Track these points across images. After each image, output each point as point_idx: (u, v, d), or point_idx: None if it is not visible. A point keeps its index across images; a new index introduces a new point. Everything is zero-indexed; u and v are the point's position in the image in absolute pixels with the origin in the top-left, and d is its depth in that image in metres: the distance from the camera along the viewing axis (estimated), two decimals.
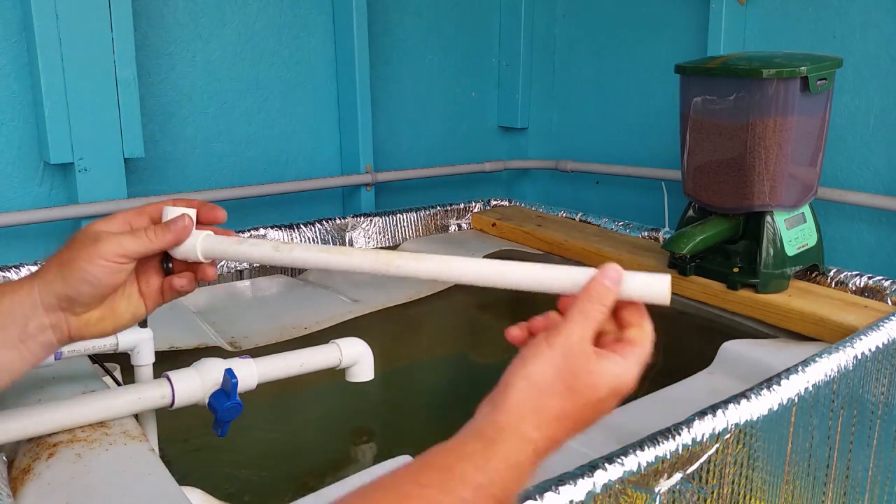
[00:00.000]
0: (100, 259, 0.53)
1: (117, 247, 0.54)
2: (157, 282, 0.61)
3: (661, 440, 0.65)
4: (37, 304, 0.54)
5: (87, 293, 0.54)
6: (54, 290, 0.54)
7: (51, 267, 0.54)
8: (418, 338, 1.24)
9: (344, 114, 1.65)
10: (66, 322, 0.55)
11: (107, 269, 0.54)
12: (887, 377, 0.91)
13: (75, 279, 0.53)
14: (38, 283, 0.54)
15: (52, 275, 0.54)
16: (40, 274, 0.55)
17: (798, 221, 1.11)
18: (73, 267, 0.53)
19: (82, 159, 1.26)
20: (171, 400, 0.70)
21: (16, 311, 0.54)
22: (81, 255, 0.54)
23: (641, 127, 1.74)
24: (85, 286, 0.54)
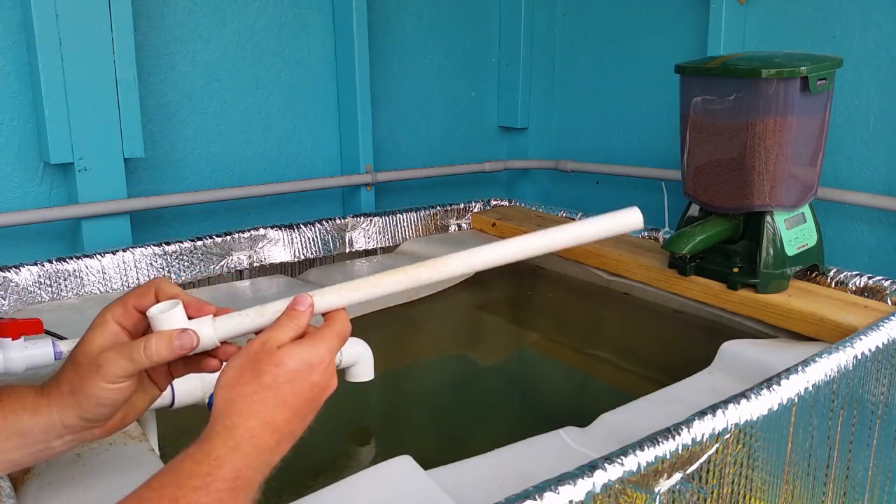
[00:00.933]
0: (105, 384, 0.55)
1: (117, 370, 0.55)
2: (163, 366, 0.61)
3: (661, 440, 0.65)
4: (58, 425, 0.56)
5: (103, 413, 0.56)
6: (73, 414, 0.56)
7: (63, 393, 0.56)
8: (418, 338, 1.24)
9: (344, 114, 1.65)
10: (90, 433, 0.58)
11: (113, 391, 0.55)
12: (887, 377, 0.91)
13: (90, 404, 0.55)
14: (55, 408, 0.56)
15: (67, 400, 0.56)
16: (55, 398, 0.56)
17: (798, 221, 1.11)
18: (85, 394, 0.55)
19: (82, 159, 1.26)
20: (171, 400, 0.70)
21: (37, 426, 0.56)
22: (88, 384, 0.55)
23: (641, 127, 1.74)
24: (100, 409, 0.56)
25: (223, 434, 0.51)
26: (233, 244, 1.26)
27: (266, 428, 0.52)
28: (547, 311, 1.37)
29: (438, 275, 0.62)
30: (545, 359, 1.23)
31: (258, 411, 0.52)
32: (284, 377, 0.53)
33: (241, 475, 0.50)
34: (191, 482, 0.48)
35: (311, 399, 0.55)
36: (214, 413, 0.53)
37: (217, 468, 0.49)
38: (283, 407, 0.53)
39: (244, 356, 0.54)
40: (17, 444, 0.55)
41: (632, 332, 1.26)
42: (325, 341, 0.56)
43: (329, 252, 1.37)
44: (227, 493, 0.49)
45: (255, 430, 0.52)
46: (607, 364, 1.19)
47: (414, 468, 0.66)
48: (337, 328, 0.58)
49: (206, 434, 0.51)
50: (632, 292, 1.29)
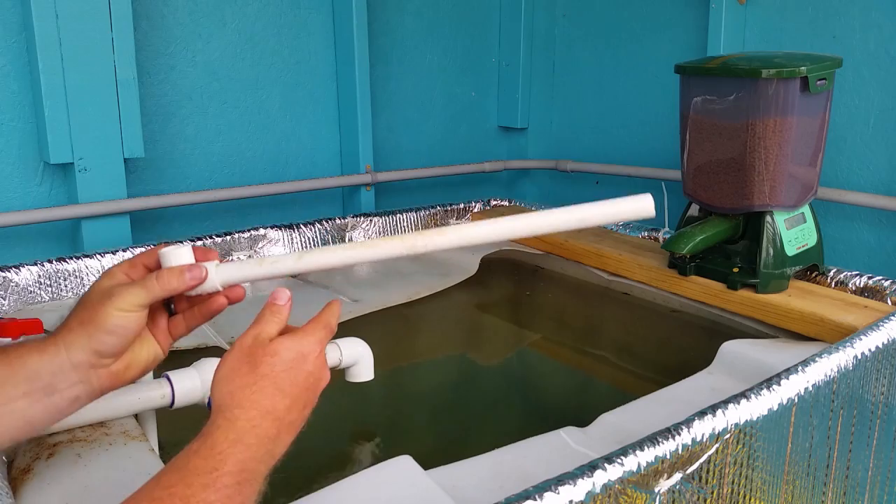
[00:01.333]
0: (117, 311, 0.57)
1: (129, 297, 0.58)
2: (163, 322, 0.63)
3: (660, 440, 0.65)
4: (64, 362, 0.56)
5: (113, 343, 0.57)
6: (81, 346, 0.57)
7: (72, 327, 0.57)
8: (418, 338, 1.24)
9: (344, 114, 1.65)
10: (96, 376, 0.58)
11: (126, 318, 0.57)
12: (887, 377, 0.91)
13: (100, 332, 0.57)
14: (62, 343, 0.57)
15: (75, 333, 0.57)
16: (62, 335, 0.57)
17: (798, 221, 1.11)
18: (95, 322, 0.57)
19: (82, 159, 1.26)
20: (170, 400, 0.70)
21: (44, 369, 0.56)
22: (100, 312, 0.57)
23: (641, 127, 1.74)
24: (110, 337, 0.57)
25: (224, 426, 0.52)
26: (233, 244, 1.26)
27: (267, 417, 0.53)
28: (547, 311, 1.37)
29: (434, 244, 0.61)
30: (545, 359, 1.23)
31: (257, 401, 0.53)
32: (281, 366, 0.55)
33: (245, 467, 0.51)
34: (199, 479, 0.49)
35: (307, 388, 0.57)
36: (214, 407, 0.54)
37: (222, 462, 0.50)
38: (281, 395, 0.54)
39: (238, 350, 0.56)
40: (25, 389, 0.55)
41: (632, 332, 1.26)
42: (314, 333, 0.58)
43: None
44: (234, 489, 0.49)
45: (255, 420, 0.53)
46: (607, 364, 1.19)
47: (414, 468, 0.66)
48: (324, 321, 0.59)
49: (207, 428, 0.52)
50: (632, 292, 1.29)
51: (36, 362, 0.56)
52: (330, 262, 0.62)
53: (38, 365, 0.56)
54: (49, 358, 0.56)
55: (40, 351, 0.56)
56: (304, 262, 0.62)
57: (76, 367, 0.57)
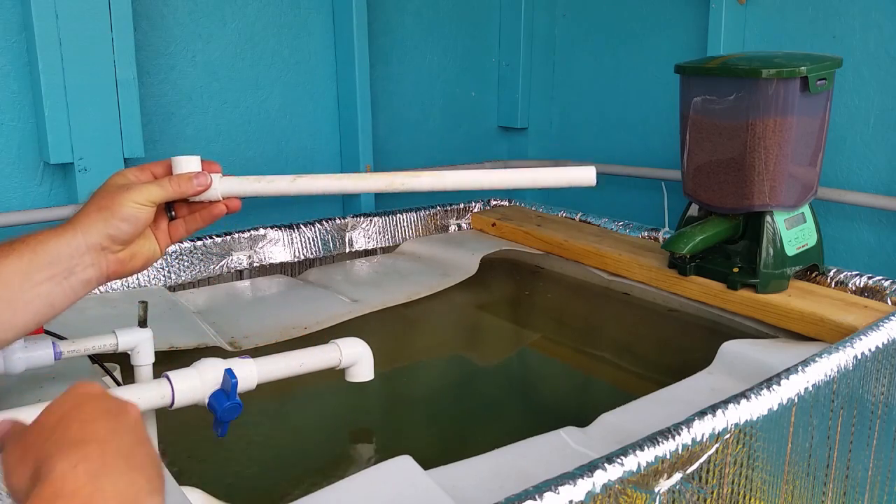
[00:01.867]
0: (132, 203, 0.65)
1: (147, 192, 0.66)
2: (164, 224, 0.72)
3: (660, 440, 0.65)
4: (80, 245, 0.63)
5: (125, 230, 0.65)
6: (97, 230, 0.64)
7: (89, 213, 0.64)
8: (418, 338, 1.24)
9: (344, 114, 1.65)
10: (105, 260, 0.65)
11: (140, 210, 0.65)
12: (887, 377, 0.91)
13: (116, 218, 0.64)
14: (80, 227, 0.63)
15: (93, 218, 0.64)
16: (80, 219, 0.64)
17: (798, 221, 1.11)
18: (112, 210, 0.64)
19: (82, 159, 1.26)
20: (170, 400, 0.70)
21: (62, 251, 0.62)
22: (116, 200, 0.64)
23: (641, 127, 1.74)
24: (124, 224, 0.64)
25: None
26: (233, 244, 1.26)
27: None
28: (547, 311, 1.37)
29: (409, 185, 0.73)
30: (545, 359, 1.23)
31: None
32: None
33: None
34: None
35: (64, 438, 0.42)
36: None
37: None
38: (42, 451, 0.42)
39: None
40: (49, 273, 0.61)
41: (632, 332, 1.26)
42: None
43: (329, 252, 1.37)
44: None
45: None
46: (607, 364, 1.19)
47: (414, 468, 0.66)
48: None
49: None
50: (632, 292, 1.29)
51: (55, 246, 0.62)
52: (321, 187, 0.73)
53: (58, 248, 0.62)
54: (67, 241, 0.63)
55: (58, 235, 0.63)
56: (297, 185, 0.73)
57: (90, 248, 0.63)
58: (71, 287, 0.63)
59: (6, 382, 0.76)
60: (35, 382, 0.76)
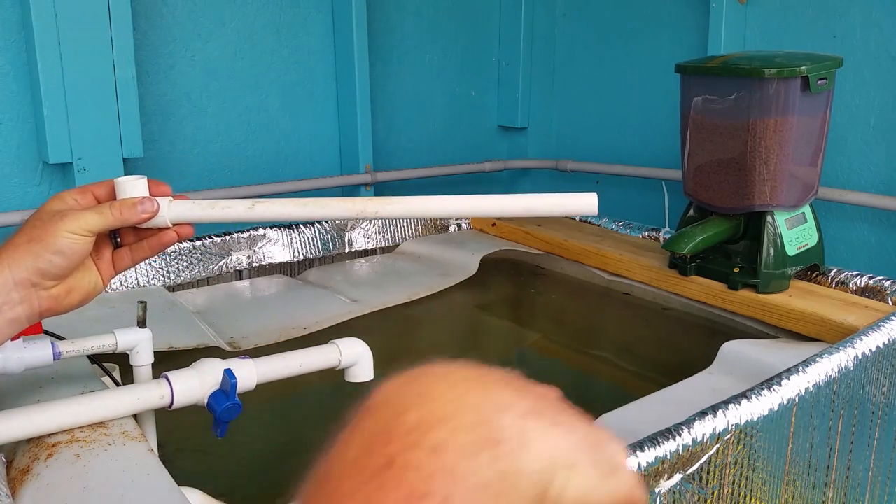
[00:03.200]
0: (67, 233, 0.57)
1: (82, 222, 0.58)
2: (107, 254, 0.65)
3: (661, 440, 0.65)
4: (7, 281, 0.56)
5: (59, 265, 0.58)
6: (25, 265, 0.57)
7: (19, 244, 0.57)
8: (418, 338, 1.24)
9: (343, 113, 1.64)
10: (37, 297, 0.58)
11: (75, 241, 0.58)
12: (888, 377, 0.91)
13: (47, 252, 0.57)
14: (6, 260, 0.57)
15: (22, 251, 0.57)
16: (7, 253, 0.57)
17: (798, 221, 1.10)
18: (44, 242, 0.57)
19: (81, 159, 1.26)
20: (170, 400, 0.70)
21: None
22: (49, 231, 0.57)
23: (641, 127, 1.74)
24: (56, 258, 0.57)
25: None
26: (232, 244, 1.25)
27: None
28: (547, 311, 1.37)
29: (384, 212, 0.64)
30: (545, 359, 1.22)
31: None
32: None
33: None
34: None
35: None
36: None
37: None
38: None
39: None
40: None
41: (632, 332, 1.26)
42: None
43: (328, 252, 1.37)
44: None
45: None
46: (607, 364, 1.18)
47: None
48: None
49: None
50: (632, 292, 1.29)
51: None
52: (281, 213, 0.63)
53: None
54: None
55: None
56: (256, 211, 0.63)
57: (18, 285, 0.57)
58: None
59: (5, 383, 0.76)
60: (34, 383, 0.76)
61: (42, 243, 0.57)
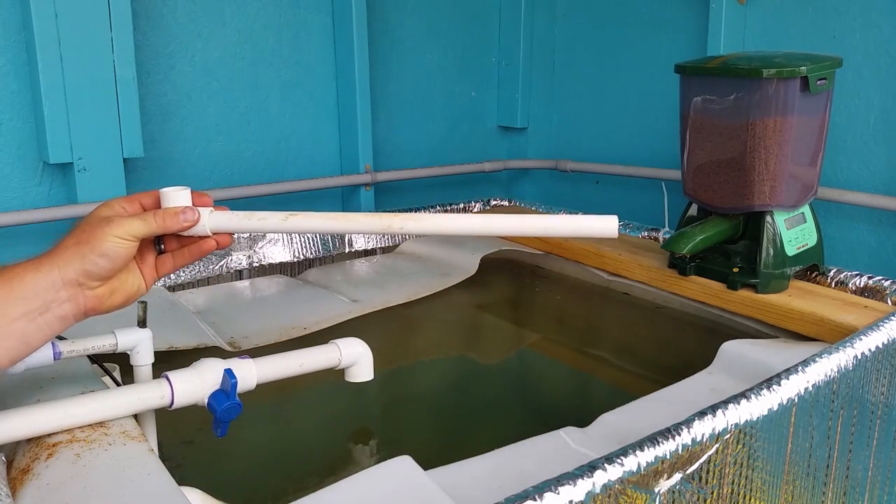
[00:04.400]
0: (113, 237, 0.62)
1: (128, 227, 0.63)
2: (151, 258, 0.69)
3: (660, 440, 0.65)
4: (57, 280, 0.60)
5: (104, 266, 0.62)
6: (73, 266, 0.61)
7: (68, 246, 0.62)
8: (418, 338, 1.24)
9: (343, 113, 1.64)
10: (83, 296, 0.62)
11: (120, 245, 0.62)
12: (887, 377, 0.91)
13: (94, 254, 0.61)
14: (57, 260, 0.61)
15: (70, 253, 0.61)
16: (57, 253, 0.62)
17: (798, 221, 1.11)
18: (91, 244, 0.61)
19: (81, 159, 1.26)
20: (170, 400, 0.70)
21: (39, 286, 0.60)
22: (96, 234, 0.62)
23: (641, 127, 1.74)
24: (102, 260, 0.61)
25: None
26: (232, 244, 1.25)
27: None
28: (547, 311, 1.37)
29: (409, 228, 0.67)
30: (545, 359, 1.22)
31: None
32: None
33: None
34: None
35: None
36: None
37: None
38: None
39: None
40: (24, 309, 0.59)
41: (632, 332, 1.26)
42: None
43: (329, 252, 1.37)
44: None
45: None
46: (607, 364, 1.19)
47: (414, 468, 0.66)
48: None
49: None
50: (632, 292, 1.29)
51: (31, 280, 0.60)
52: (313, 226, 0.68)
53: (34, 283, 0.60)
54: (43, 276, 0.60)
55: (34, 268, 0.60)
56: (289, 223, 0.68)
57: (66, 284, 0.61)
58: (47, 323, 0.60)
59: (5, 382, 0.76)
60: (35, 382, 0.76)
61: (89, 245, 0.61)
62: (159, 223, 0.65)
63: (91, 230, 0.62)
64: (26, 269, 0.60)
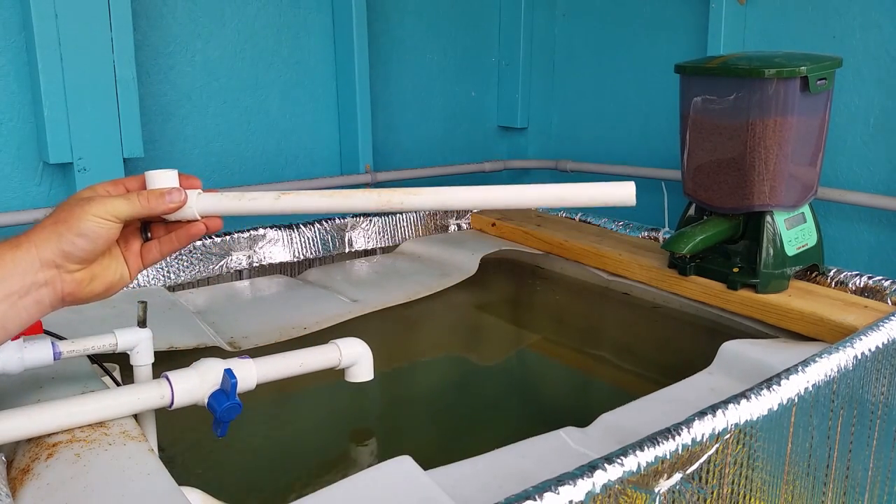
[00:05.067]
0: (93, 216, 0.58)
1: (110, 206, 0.59)
2: (136, 246, 0.65)
3: (660, 440, 0.65)
4: (35, 260, 0.57)
5: (82, 247, 0.58)
6: (50, 246, 0.58)
7: (45, 226, 0.59)
8: (418, 338, 1.24)
9: (343, 113, 1.64)
10: (60, 280, 0.59)
11: (99, 225, 0.58)
12: (887, 377, 0.91)
13: (71, 233, 0.58)
14: (34, 240, 0.58)
15: (48, 232, 0.58)
16: (35, 233, 0.59)
17: (798, 221, 1.11)
18: (69, 224, 0.58)
19: (81, 159, 1.26)
20: (170, 400, 0.70)
21: (18, 266, 0.57)
22: (75, 213, 0.58)
23: (641, 127, 1.74)
24: (80, 240, 0.58)
25: None
26: (232, 244, 1.25)
27: None
28: (547, 311, 1.37)
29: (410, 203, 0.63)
30: (545, 359, 1.22)
31: None
32: None
33: None
34: None
35: None
36: None
37: None
38: None
39: None
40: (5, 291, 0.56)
41: (632, 332, 1.26)
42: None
43: (328, 252, 1.37)
44: None
45: None
46: (607, 364, 1.19)
47: (414, 468, 0.66)
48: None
49: None
50: (632, 292, 1.29)
51: (10, 259, 0.57)
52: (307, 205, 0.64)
53: (13, 263, 0.57)
54: (22, 254, 0.57)
55: (14, 247, 0.58)
56: (282, 203, 0.64)
57: (44, 265, 0.58)
58: (25, 307, 0.57)
59: (5, 382, 0.76)
60: (34, 383, 0.76)
61: (66, 224, 0.58)
62: (143, 204, 0.61)
63: (69, 209, 0.59)
64: (4, 249, 0.58)
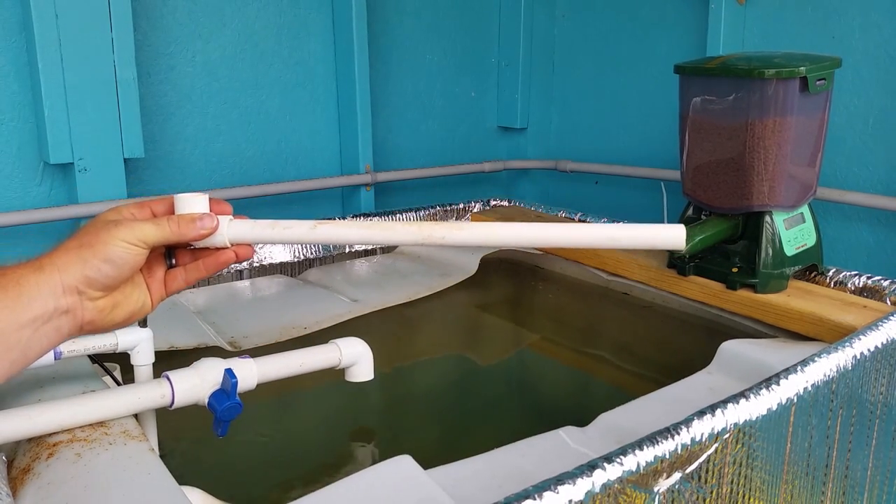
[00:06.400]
0: (120, 241, 0.55)
1: (137, 232, 0.56)
2: (160, 273, 0.62)
3: (660, 440, 0.65)
4: (58, 284, 0.54)
5: (108, 273, 0.55)
6: (74, 272, 0.54)
7: (69, 249, 0.55)
8: (418, 338, 1.24)
9: (343, 113, 1.65)
10: (82, 307, 0.56)
11: (127, 251, 0.55)
12: (886, 377, 0.91)
13: (97, 258, 0.55)
14: (57, 263, 0.55)
15: (72, 256, 0.55)
16: (58, 255, 0.55)
17: (797, 221, 1.11)
18: (95, 248, 0.55)
19: (82, 159, 1.26)
20: (170, 400, 0.70)
21: (42, 289, 0.54)
22: (101, 238, 0.55)
23: (641, 127, 1.74)
24: (106, 266, 0.55)
25: None
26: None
27: None
28: (547, 311, 1.37)
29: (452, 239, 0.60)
30: (545, 359, 1.23)
31: None
32: None
33: None
34: None
35: None
36: None
37: None
38: None
39: None
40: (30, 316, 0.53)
41: (631, 332, 1.26)
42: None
43: (329, 252, 1.37)
44: None
45: None
46: (607, 364, 1.19)
47: (414, 468, 0.66)
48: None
49: None
50: (631, 292, 1.29)
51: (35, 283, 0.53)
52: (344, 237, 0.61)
53: (38, 287, 0.53)
54: (46, 278, 0.54)
55: (37, 270, 0.54)
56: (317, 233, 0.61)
57: (66, 290, 0.54)
58: (45, 334, 0.54)
59: (5, 382, 0.76)
60: (35, 382, 0.76)
61: (92, 249, 0.55)
62: (174, 229, 0.58)
63: (96, 233, 0.55)
64: (27, 271, 0.54)
